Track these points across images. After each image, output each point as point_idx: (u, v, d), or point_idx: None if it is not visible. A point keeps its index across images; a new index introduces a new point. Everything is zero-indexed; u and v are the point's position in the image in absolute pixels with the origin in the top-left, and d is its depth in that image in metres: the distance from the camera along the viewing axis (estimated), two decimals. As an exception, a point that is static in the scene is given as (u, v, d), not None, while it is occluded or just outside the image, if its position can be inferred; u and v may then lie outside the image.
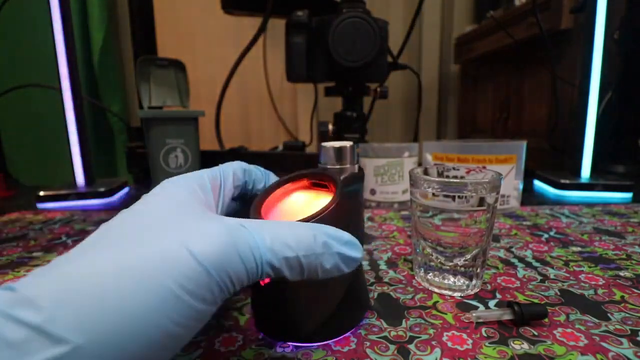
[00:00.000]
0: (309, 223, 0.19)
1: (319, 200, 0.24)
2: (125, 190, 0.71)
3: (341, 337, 0.23)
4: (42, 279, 0.14)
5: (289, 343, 0.23)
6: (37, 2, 0.82)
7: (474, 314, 0.24)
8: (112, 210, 0.57)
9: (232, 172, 0.23)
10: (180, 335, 0.14)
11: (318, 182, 0.25)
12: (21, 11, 0.89)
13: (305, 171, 0.25)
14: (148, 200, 0.19)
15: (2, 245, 0.41)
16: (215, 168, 0.23)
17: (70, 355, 0.12)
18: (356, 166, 0.24)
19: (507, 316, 0.24)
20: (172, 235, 0.15)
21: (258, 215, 0.22)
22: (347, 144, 0.24)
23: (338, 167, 0.24)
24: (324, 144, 0.24)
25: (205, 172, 0.22)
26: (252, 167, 0.26)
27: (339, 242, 0.19)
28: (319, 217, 0.20)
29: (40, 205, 0.60)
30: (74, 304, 0.13)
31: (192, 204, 0.19)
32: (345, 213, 0.21)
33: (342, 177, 0.23)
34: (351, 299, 0.23)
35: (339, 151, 0.24)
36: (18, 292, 0.13)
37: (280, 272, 0.17)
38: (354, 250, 0.19)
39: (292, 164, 0.71)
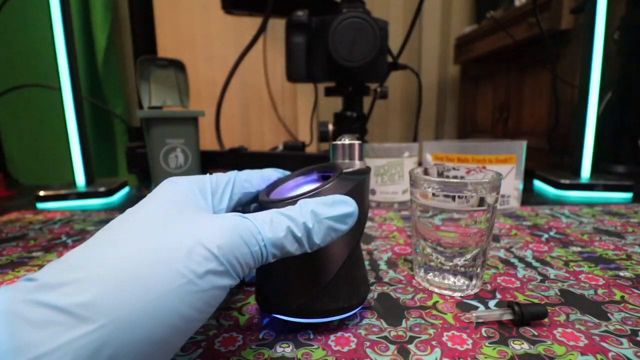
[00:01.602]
0: (299, 200, 0.20)
1: None
2: (126, 190, 0.71)
3: (334, 318, 0.23)
4: (60, 268, 0.15)
5: (278, 316, 0.23)
6: (37, 2, 0.82)
7: (474, 314, 0.24)
8: (112, 210, 0.57)
9: (245, 176, 0.24)
10: (194, 319, 0.16)
11: (326, 174, 0.26)
12: (22, 11, 0.89)
13: (315, 165, 0.27)
14: (151, 199, 0.20)
15: (2, 245, 0.41)
16: (230, 172, 0.24)
17: (94, 334, 0.13)
18: (364, 162, 0.26)
19: (507, 316, 0.24)
20: (180, 229, 0.17)
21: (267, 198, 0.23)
22: (356, 142, 0.25)
23: (347, 162, 0.25)
24: (335, 142, 0.25)
25: (212, 175, 0.23)
26: (279, 172, 0.27)
27: (325, 205, 0.20)
28: (313, 193, 0.21)
29: (40, 205, 0.60)
30: (99, 288, 0.14)
31: (190, 204, 0.20)
32: (342, 192, 0.22)
33: (347, 169, 0.24)
34: (347, 281, 0.23)
35: (349, 148, 0.25)
36: (38, 280, 0.14)
37: (284, 248, 0.18)
38: (344, 206, 0.20)
39: (292, 164, 0.71)
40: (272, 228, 0.18)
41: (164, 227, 0.17)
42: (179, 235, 0.16)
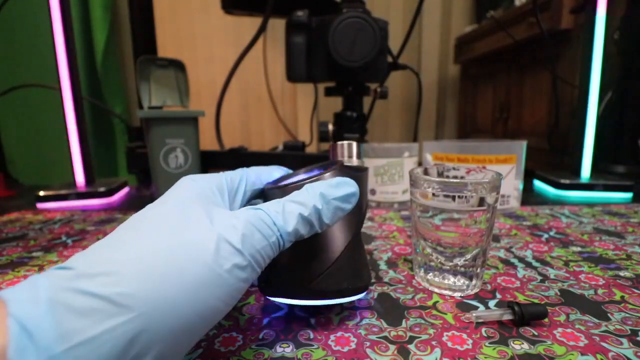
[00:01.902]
0: (304, 185, 0.21)
1: None
2: (126, 190, 0.71)
3: (337, 302, 0.24)
4: (92, 259, 0.15)
5: (282, 300, 0.24)
6: (37, 3, 0.82)
7: (474, 314, 0.24)
8: (112, 210, 0.57)
9: (254, 174, 0.25)
10: (220, 310, 0.17)
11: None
12: (21, 11, 0.89)
13: (316, 164, 0.27)
14: (171, 195, 0.20)
15: (2, 245, 0.41)
16: (239, 170, 0.25)
17: (134, 321, 0.14)
18: (362, 162, 0.27)
19: (507, 316, 0.24)
20: (204, 224, 0.18)
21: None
22: (354, 142, 0.26)
23: (346, 159, 0.26)
24: (333, 142, 0.27)
25: (225, 174, 0.24)
26: (282, 170, 0.27)
27: (331, 186, 0.21)
28: (315, 178, 0.22)
29: (40, 205, 0.60)
30: (136, 278, 0.15)
31: (209, 200, 0.20)
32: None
33: (347, 164, 0.25)
34: (350, 264, 0.24)
35: (348, 147, 0.26)
36: (75, 269, 0.14)
37: (298, 233, 0.19)
38: (347, 186, 0.21)
39: (292, 164, 0.71)
40: (285, 217, 0.19)
41: (188, 222, 0.18)
42: (204, 231, 0.17)
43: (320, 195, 0.20)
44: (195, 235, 0.17)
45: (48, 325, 0.13)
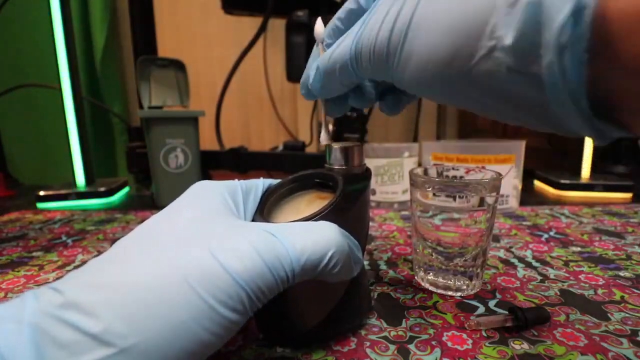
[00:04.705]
0: (328, 223, 0.19)
1: (322, 200, 0.24)
2: (126, 190, 0.71)
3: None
4: (85, 283, 0.15)
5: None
6: (37, 3, 0.82)
7: (475, 321, 0.24)
8: (112, 210, 0.57)
9: (269, 183, 0.24)
10: (212, 343, 0.15)
11: (322, 181, 0.25)
12: (21, 11, 0.89)
13: (310, 171, 0.25)
14: (179, 206, 0.19)
15: (2, 245, 0.41)
16: (256, 179, 0.24)
17: (113, 358, 0.13)
18: (364, 166, 0.24)
19: (509, 323, 0.23)
20: (205, 248, 0.16)
21: (261, 215, 0.22)
22: (355, 144, 0.24)
23: (345, 167, 0.23)
24: (332, 144, 0.24)
25: (240, 181, 0.23)
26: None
27: (351, 242, 0.19)
28: (318, 217, 0.20)
29: (40, 205, 0.60)
30: (122, 312, 0.14)
31: (221, 212, 0.19)
32: (345, 213, 0.21)
33: (345, 178, 0.23)
34: (352, 301, 0.23)
35: (346, 152, 0.23)
36: (65, 295, 0.14)
37: (309, 275, 0.18)
38: (359, 251, 0.20)
39: (292, 164, 0.71)
40: (303, 253, 0.17)
41: (188, 244, 0.16)
42: (202, 256, 0.16)
43: (350, 248, 0.19)
44: (192, 260, 0.16)
45: (28, 353, 0.12)
